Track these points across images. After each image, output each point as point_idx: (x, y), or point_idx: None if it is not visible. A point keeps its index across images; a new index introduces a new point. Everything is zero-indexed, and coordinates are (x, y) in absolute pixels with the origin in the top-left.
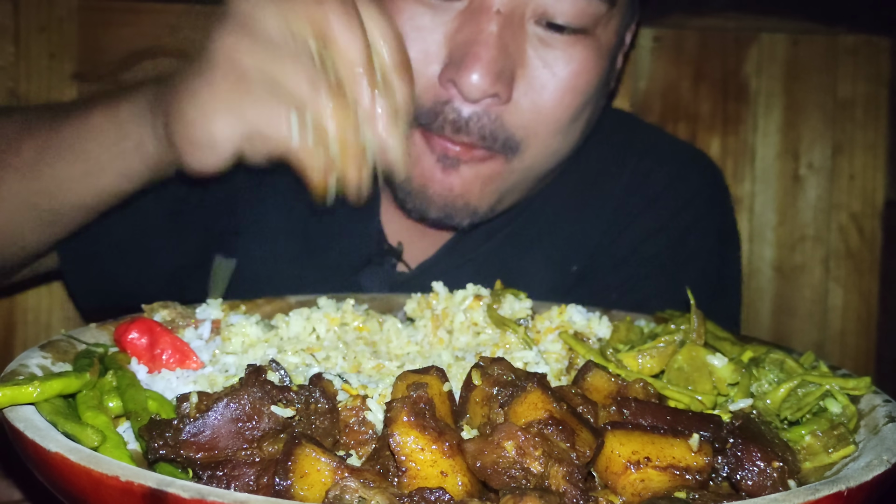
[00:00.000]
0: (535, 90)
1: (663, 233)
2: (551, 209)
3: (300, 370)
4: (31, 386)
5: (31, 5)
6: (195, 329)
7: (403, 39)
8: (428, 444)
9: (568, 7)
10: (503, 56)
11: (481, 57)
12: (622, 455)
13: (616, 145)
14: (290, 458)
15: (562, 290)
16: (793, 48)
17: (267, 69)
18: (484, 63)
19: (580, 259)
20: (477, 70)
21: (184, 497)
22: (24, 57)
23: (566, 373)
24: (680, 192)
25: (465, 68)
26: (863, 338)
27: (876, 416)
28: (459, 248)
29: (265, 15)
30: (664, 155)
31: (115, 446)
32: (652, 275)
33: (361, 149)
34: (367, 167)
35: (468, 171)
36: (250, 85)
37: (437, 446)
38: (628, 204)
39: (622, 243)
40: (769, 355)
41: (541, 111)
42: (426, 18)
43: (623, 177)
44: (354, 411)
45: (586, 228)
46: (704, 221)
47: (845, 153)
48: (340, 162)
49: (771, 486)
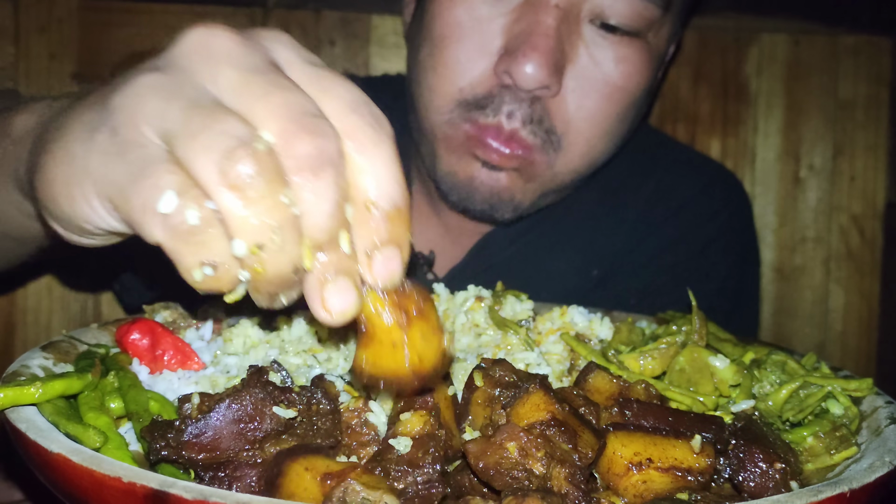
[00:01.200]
0: (584, 88)
1: (684, 244)
2: (575, 215)
3: (302, 371)
4: (32, 387)
5: (31, 6)
6: (197, 330)
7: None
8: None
9: (623, 8)
10: (558, 49)
11: (538, 47)
12: (624, 456)
13: (643, 157)
14: (279, 478)
15: (582, 294)
16: (793, 49)
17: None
18: (540, 53)
19: (601, 264)
20: (534, 59)
21: (186, 498)
22: (24, 57)
23: (567, 374)
24: (703, 206)
25: (523, 57)
26: (864, 339)
27: (878, 417)
28: (484, 253)
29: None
30: (690, 169)
31: (116, 447)
32: (671, 284)
33: (286, 268)
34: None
35: (513, 172)
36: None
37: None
38: (651, 214)
39: (643, 251)
40: (771, 357)
41: (587, 108)
42: (485, 9)
43: (648, 187)
44: (356, 413)
45: (608, 235)
46: (726, 236)
47: (846, 154)
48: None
49: (773, 488)
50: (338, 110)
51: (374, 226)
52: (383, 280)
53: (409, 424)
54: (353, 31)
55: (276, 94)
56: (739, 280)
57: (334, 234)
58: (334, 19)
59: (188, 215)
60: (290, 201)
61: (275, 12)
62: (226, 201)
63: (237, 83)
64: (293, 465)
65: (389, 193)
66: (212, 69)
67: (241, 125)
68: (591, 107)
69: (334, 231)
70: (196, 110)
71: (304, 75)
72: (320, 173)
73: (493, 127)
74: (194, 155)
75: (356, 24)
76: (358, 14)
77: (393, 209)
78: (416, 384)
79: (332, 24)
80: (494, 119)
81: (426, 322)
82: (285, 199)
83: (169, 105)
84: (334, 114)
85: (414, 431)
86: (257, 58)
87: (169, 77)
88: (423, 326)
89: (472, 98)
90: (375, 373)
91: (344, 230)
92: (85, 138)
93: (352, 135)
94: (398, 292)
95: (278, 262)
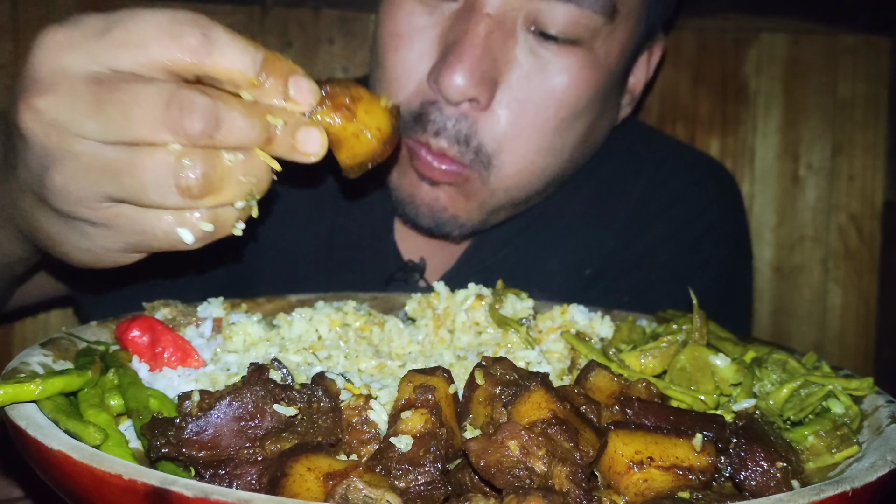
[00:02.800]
0: (518, 100)
1: (676, 239)
2: (567, 215)
3: (302, 369)
4: (32, 384)
5: (30, 3)
6: (196, 327)
7: None
8: None
9: (561, 16)
10: (487, 60)
11: (464, 58)
12: (625, 455)
13: (633, 154)
14: (282, 479)
15: (575, 292)
16: (792, 48)
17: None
18: (465, 64)
19: (594, 263)
20: (458, 70)
21: (187, 495)
22: (23, 54)
23: (568, 372)
24: (695, 201)
25: (447, 68)
26: (862, 338)
27: (879, 416)
28: (477, 257)
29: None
30: (681, 164)
31: (117, 444)
32: (664, 280)
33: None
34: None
35: (450, 188)
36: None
37: None
38: (643, 210)
39: (636, 248)
40: (771, 356)
41: (520, 124)
42: (423, 18)
43: (639, 184)
44: (357, 410)
45: (601, 233)
46: (718, 230)
47: (845, 154)
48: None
49: (774, 487)
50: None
51: (268, 88)
52: (307, 100)
53: (411, 422)
54: (352, 29)
55: (137, 102)
56: (732, 273)
57: (262, 131)
58: (333, 18)
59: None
60: (228, 152)
61: (273, 10)
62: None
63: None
64: (295, 465)
65: (244, 64)
66: None
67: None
68: (525, 122)
69: (261, 130)
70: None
71: None
72: (219, 129)
73: (424, 144)
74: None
75: (355, 23)
76: (357, 12)
77: (261, 65)
78: (389, 147)
79: (331, 23)
80: (423, 137)
81: (361, 101)
82: (228, 155)
83: None
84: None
85: (415, 430)
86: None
87: None
88: (362, 105)
89: (407, 113)
90: (357, 161)
91: (264, 115)
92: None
93: (199, 58)
94: (327, 99)
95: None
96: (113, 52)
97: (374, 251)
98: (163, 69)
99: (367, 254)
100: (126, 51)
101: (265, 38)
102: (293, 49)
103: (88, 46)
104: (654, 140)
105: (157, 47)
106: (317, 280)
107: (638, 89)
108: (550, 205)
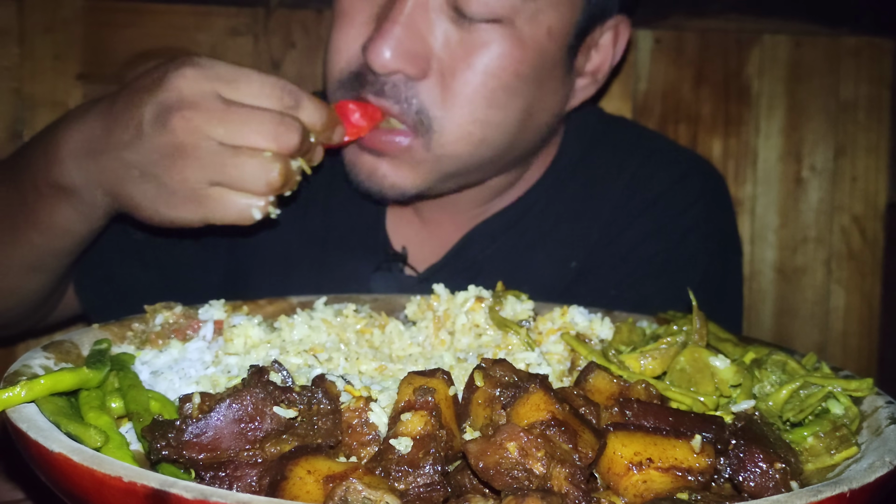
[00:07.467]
0: (448, 71)
1: (662, 234)
2: (553, 210)
3: (302, 371)
4: (42, 378)
5: (36, 6)
6: (198, 330)
7: None
8: None
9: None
10: (411, 35)
11: (386, 34)
12: (624, 456)
13: (618, 149)
14: (282, 482)
15: (561, 287)
16: (795, 50)
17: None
18: (387, 40)
19: (579, 256)
20: (380, 45)
21: (187, 498)
22: (29, 58)
23: (568, 374)
24: (680, 196)
25: (371, 43)
26: (865, 339)
27: (878, 417)
28: (465, 251)
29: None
30: (666, 159)
31: (117, 447)
32: (650, 275)
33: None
34: None
35: (394, 160)
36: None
37: None
38: (628, 205)
39: (621, 243)
40: (771, 357)
41: (453, 92)
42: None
43: (624, 179)
44: (357, 412)
45: (586, 227)
46: (704, 225)
47: (847, 155)
48: None
49: (773, 488)
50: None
51: (323, 131)
52: (339, 139)
53: (410, 424)
54: None
55: (258, 122)
56: (720, 269)
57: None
58: None
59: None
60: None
61: (277, 12)
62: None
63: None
64: (295, 468)
65: (316, 121)
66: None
67: None
68: (456, 90)
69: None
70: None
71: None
72: (303, 144)
73: (365, 99)
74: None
75: None
76: None
77: (326, 122)
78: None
79: None
80: (363, 92)
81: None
82: (294, 162)
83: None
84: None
85: (415, 431)
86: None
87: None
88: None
89: (346, 77)
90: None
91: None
92: None
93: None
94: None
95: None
96: (237, 95)
97: (366, 242)
98: None
99: (360, 245)
100: (247, 98)
101: (269, 40)
102: (296, 50)
103: (220, 85)
104: (639, 136)
105: (266, 102)
106: (310, 275)
107: (601, 72)
108: (537, 200)
